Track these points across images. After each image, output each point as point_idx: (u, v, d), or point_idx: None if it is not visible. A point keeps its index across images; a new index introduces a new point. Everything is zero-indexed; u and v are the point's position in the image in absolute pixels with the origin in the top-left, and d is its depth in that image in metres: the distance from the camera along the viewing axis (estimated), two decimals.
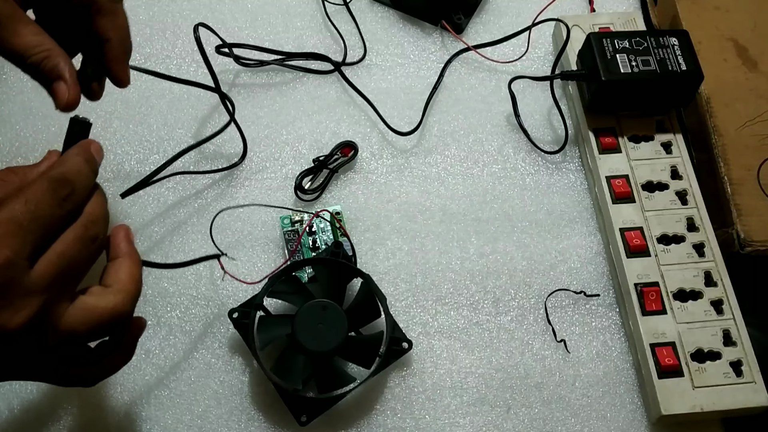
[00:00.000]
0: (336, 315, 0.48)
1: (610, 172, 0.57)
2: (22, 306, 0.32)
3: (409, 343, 0.50)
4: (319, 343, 0.47)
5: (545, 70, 0.65)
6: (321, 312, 0.48)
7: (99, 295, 0.36)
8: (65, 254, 0.34)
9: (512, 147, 0.61)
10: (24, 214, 0.33)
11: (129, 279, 0.37)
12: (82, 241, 0.35)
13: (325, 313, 0.48)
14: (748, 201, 0.55)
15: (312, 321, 0.48)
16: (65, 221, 0.35)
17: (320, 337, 0.47)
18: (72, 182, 0.35)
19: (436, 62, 0.65)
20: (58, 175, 0.35)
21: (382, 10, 0.68)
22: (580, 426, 0.51)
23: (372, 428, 0.50)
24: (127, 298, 0.37)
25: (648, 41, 0.58)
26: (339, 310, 0.48)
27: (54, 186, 0.34)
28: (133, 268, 0.38)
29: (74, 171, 0.36)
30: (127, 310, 0.37)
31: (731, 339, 0.51)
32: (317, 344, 0.47)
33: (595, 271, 0.56)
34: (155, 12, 0.66)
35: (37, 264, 0.33)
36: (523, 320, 0.54)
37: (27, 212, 0.33)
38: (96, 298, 0.36)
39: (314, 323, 0.48)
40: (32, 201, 0.33)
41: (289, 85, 0.63)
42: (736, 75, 0.61)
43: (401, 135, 0.60)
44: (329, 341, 0.47)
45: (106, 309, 0.36)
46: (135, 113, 0.61)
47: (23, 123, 0.60)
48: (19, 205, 0.33)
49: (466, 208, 0.59)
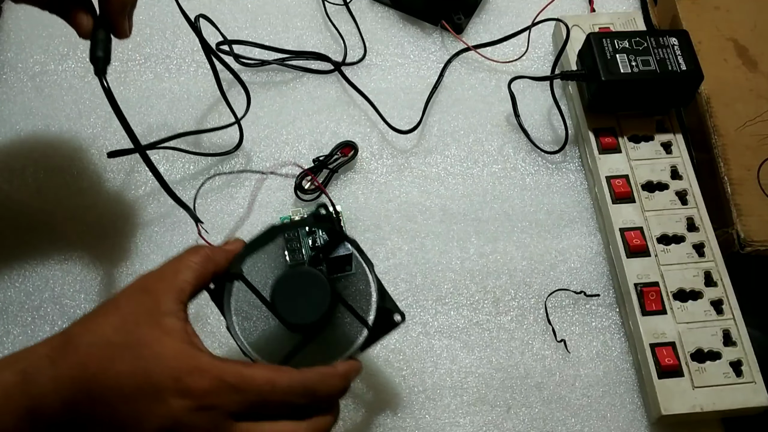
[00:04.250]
0: (319, 284, 0.43)
1: (610, 172, 0.57)
2: None
3: (402, 315, 0.45)
4: (300, 315, 0.42)
5: (545, 70, 0.65)
6: (302, 280, 0.43)
7: None
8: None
9: (512, 147, 0.61)
10: (264, 385, 0.36)
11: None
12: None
13: (307, 281, 0.43)
14: (748, 201, 0.55)
15: (293, 290, 0.43)
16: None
17: (302, 308, 0.42)
18: (316, 400, 0.38)
19: (436, 62, 0.65)
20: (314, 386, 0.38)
21: (382, 10, 0.68)
22: (580, 426, 0.51)
23: (372, 428, 0.50)
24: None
25: (648, 41, 0.58)
26: (322, 278, 0.43)
27: (303, 391, 0.37)
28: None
29: (326, 394, 0.39)
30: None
31: (731, 339, 0.51)
32: (298, 315, 0.42)
33: (595, 271, 0.56)
34: (155, 12, 0.66)
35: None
36: (523, 320, 0.54)
37: (267, 386, 0.36)
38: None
39: (295, 292, 0.43)
40: (278, 384, 0.36)
41: (289, 85, 0.63)
42: (736, 75, 0.61)
43: (401, 133, 0.60)
44: (311, 312, 0.42)
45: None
46: (135, 113, 0.61)
47: (23, 123, 0.60)
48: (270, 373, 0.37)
49: (466, 208, 0.59)
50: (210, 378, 0.35)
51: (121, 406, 0.35)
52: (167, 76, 0.63)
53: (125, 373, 0.35)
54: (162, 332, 0.36)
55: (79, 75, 0.63)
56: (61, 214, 0.56)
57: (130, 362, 0.35)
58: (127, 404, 0.34)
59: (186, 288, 0.39)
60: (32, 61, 0.63)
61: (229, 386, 0.35)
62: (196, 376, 0.35)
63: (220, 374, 0.35)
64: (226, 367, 0.36)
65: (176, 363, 0.35)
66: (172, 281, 0.39)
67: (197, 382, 0.35)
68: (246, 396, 0.35)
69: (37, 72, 0.63)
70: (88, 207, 0.57)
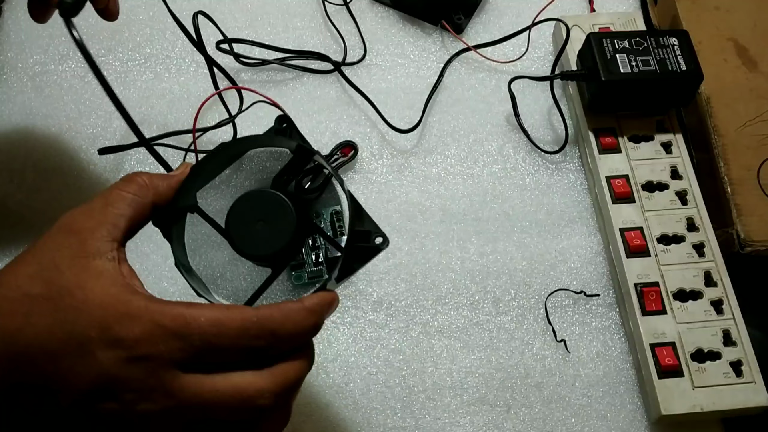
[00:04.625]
0: (282, 207, 0.36)
1: (610, 172, 0.57)
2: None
3: (384, 237, 0.39)
4: (261, 244, 0.35)
5: (545, 70, 0.65)
6: (263, 204, 0.36)
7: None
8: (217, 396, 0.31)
9: (512, 147, 0.61)
10: (210, 327, 0.31)
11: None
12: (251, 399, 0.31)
13: (268, 205, 0.36)
14: (748, 201, 0.55)
15: (252, 216, 0.36)
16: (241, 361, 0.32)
17: (262, 237, 0.36)
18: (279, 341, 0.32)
19: (436, 62, 0.65)
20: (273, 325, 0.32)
21: (382, 10, 0.68)
22: (580, 426, 0.51)
23: (372, 428, 0.50)
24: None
25: (648, 41, 0.58)
26: (284, 200, 0.36)
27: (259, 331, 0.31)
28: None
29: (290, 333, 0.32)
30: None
31: (731, 339, 0.51)
32: (259, 245, 0.35)
33: (595, 271, 0.56)
34: (155, 12, 0.66)
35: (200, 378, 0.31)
36: (523, 320, 0.54)
37: (214, 328, 0.31)
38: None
39: (255, 219, 0.36)
40: (227, 325, 0.31)
41: (289, 85, 0.63)
42: (736, 75, 0.61)
43: (401, 132, 0.60)
44: (274, 240, 0.35)
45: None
46: (135, 113, 0.60)
47: (23, 123, 0.60)
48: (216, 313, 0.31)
49: (466, 208, 0.59)
50: (143, 323, 0.30)
51: (45, 366, 0.30)
52: (167, 76, 0.63)
53: (45, 328, 0.30)
54: (88, 276, 0.31)
55: (79, 75, 0.63)
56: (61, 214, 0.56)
57: (49, 315, 0.31)
58: (53, 362, 0.30)
59: (119, 223, 0.34)
60: (32, 61, 0.63)
61: (167, 331, 0.30)
62: (126, 323, 0.30)
63: (155, 318, 0.30)
64: (162, 309, 0.31)
65: (102, 311, 0.30)
66: (102, 216, 0.33)
67: (127, 330, 0.30)
68: (188, 341, 0.30)
69: (37, 72, 0.63)
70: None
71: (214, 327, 0.31)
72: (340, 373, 0.52)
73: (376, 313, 0.54)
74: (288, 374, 0.32)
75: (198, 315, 0.31)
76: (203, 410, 0.31)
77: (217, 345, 0.31)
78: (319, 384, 0.52)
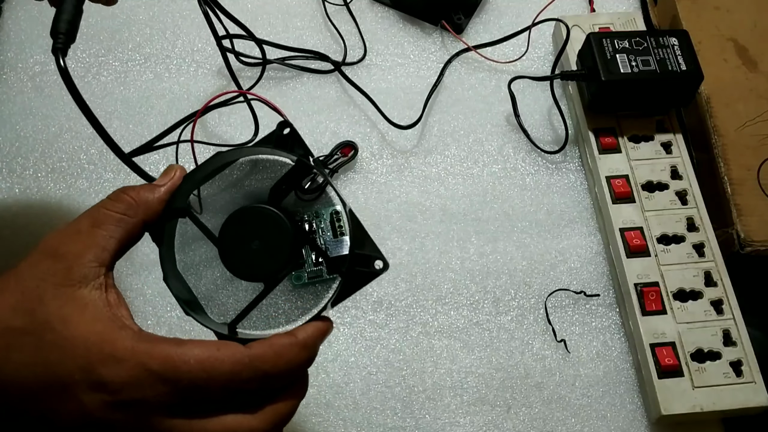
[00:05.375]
0: (278, 225, 0.34)
1: (610, 172, 0.57)
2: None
3: (385, 262, 0.37)
4: (254, 265, 0.34)
5: (545, 70, 0.65)
6: (258, 221, 0.34)
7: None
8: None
9: (512, 147, 0.61)
10: (199, 371, 0.29)
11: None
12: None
13: (264, 222, 0.34)
14: (748, 201, 0.55)
15: (246, 234, 0.34)
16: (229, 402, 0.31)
17: (256, 257, 0.34)
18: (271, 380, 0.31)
19: (436, 62, 0.65)
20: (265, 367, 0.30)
21: (382, 10, 0.68)
22: (580, 426, 0.51)
23: (372, 428, 0.50)
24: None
25: (648, 41, 0.58)
26: (281, 218, 0.34)
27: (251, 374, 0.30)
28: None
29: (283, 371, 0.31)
30: None
31: (731, 339, 0.51)
32: (252, 266, 0.34)
33: (595, 271, 0.56)
34: (155, 12, 0.66)
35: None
36: (523, 320, 0.54)
37: (203, 373, 0.29)
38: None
39: (249, 237, 0.34)
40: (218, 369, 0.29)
41: (289, 85, 0.63)
42: (736, 75, 0.61)
43: (400, 129, 0.60)
44: (268, 262, 0.34)
45: None
46: (135, 113, 0.61)
47: (23, 123, 0.60)
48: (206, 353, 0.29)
49: (466, 208, 0.59)
50: (129, 367, 0.28)
51: (27, 404, 0.29)
52: (167, 76, 0.63)
53: (26, 365, 0.29)
54: (73, 309, 0.29)
55: (79, 75, 0.62)
56: (61, 214, 0.56)
57: (30, 352, 0.29)
58: (34, 402, 0.29)
59: (108, 245, 0.31)
60: (32, 61, 0.63)
61: (154, 376, 0.29)
62: (111, 366, 0.28)
63: (142, 361, 0.29)
64: (150, 351, 0.29)
65: (86, 350, 0.29)
66: (89, 239, 0.31)
67: (112, 373, 0.28)
68: (176, 386, 0.29)
69: (37, 72, 0.63)
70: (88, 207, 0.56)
71: (203, 371, 0.29)
72: (340, 373, 0.52)
73: (376, 313, 0.54)
74: (281, 412, 0.32)
75: (187, 357, 0.29)
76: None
77: (206, 389, 0.29)
78: (319, 384, 0.52)
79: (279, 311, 0.35)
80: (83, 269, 0.30)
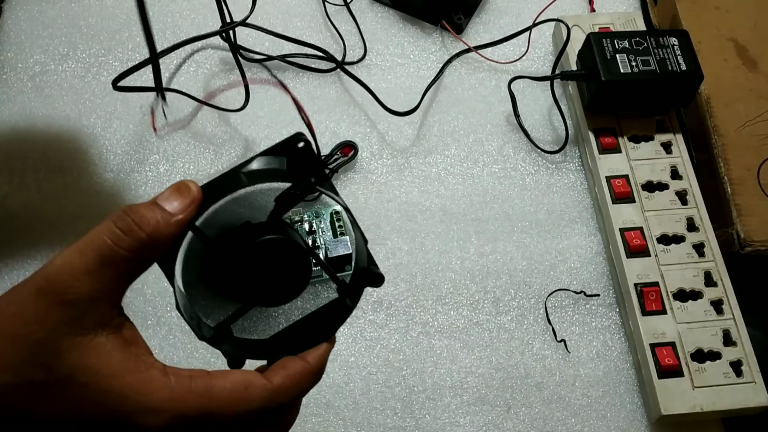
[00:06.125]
0: (295, 254, 0.33)
1: (610, 172, 0.57)
2: None
3: (381, 276, 0.37)
4: (272, 295, 0.33)
5: (545, 70, 0.65)
6: (275, 250, 0.33)
7: None
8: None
9: (512, 147, 0.61)
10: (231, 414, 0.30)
11: None
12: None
13: (279, 251, 0.33)
14: (748, 201, 0.55)
15: (260, 263, 0.32)
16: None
17: (273, 285, 0.33)
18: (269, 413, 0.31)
19: (436, 62, 0.65)
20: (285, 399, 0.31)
21: (382, 10, 0.68)
22: (580, 426, 0.51)
23: (372, 428, 0.50)
24: None
25: (648, 41, 0.58)
26: (300, 247, 0.33)
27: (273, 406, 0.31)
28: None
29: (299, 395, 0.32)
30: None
31: (731, 339, 0.51)
32: (270, 296, 0.33)
33: (595, 271, 0.56)
34: (155, 12, 0.66)
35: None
36: (523, 320, 0.54)
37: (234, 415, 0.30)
38: None
39: (263, 264, 0.32)
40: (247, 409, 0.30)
41: (289, 85, 0.63)
42: (736, 75, 0.61)
43: (398, 115, 0.60)
44: (286, 292, 0.33)
45: None
46: (135, 113, 0.61)
47: (23, 123, 0.60)
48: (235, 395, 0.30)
49: (466, 208, 0.59)
50: (167, 418, 0.28)
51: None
52: (167, 76, 0.63)
53: (59, 411, 0.28)
54: (96, 359, 0.28)
55: (79, 75, 0.63)
56: (61, 214, 0.56)
57: (62, 404, 0.27)
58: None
59: (120, 287, 0.29)
60: (32, 61, 0.63)
61: (188, 420, 0.29)
62: (149, 416, 0.28)
63: (179, 411, 0.29)
64: (185, 398, 0.29)
65: (121, 403, 0.28)
66: (100, 282, 0.28)
67: (151, 424, 0.28)
68: (207, 426, 0.29)
69: (37, 72, 0.63)
70: (88, 207, 0.57)
71: (236, 415, 0.30)
72: (340, 373, 0.52)
73: (376, 313, 0.54)
74: (290, 422, 0.34)
75: (220, 399, 0.29)
76: None
77: (233, 424, 0.30)
78: (319, 384, 0.51)
79: (279, 311, 0.35)
80: (97, 316, 0.28)
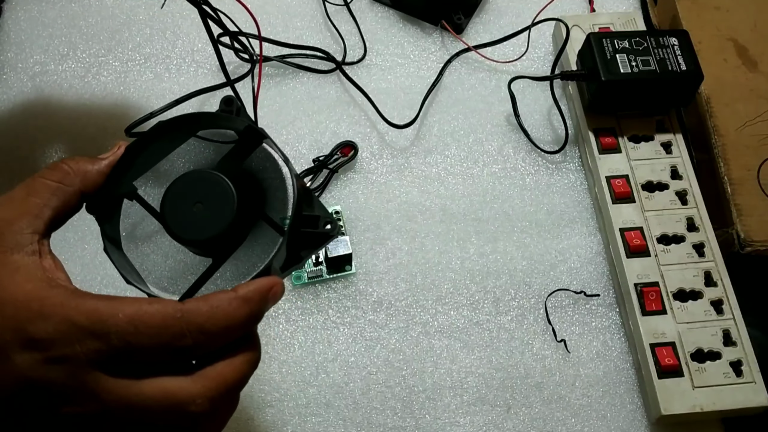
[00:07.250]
0: (221, 189, 0.33)
1: (610, 172, 0.57)
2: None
3: (334, 223, 0.36)
4: (196, 228, 0.33)
5: (545, 70, 0.65)
6: (200, 186, 0.33)
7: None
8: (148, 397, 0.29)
9: (512, 147, 0.61)
10: (127, 325, 0.28)
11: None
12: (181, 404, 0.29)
13: (205, 187, 0.33)
14: (748, 201, 0.55)
15: (189, 200, 0.33)
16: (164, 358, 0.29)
17: (199, 220, 0.33)
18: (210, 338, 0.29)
19: (436, 62, 0.65)
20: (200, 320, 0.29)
21: (382, 10, 0.68)
22: (580, 426, 0.51)
23: (372, 428, 0.50)
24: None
25: (648, 41, 0.58)
26: (224, 182, 0.33)
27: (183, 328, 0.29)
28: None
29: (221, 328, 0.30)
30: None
31: (731, 339, 0.51)
32: (194, 229, 0.33)
33: (595, 271, 0.56)
34: (155, 12, 0.66)
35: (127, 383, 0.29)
36: (523, 320, 0.54)
37: (131, 326, 0.28)
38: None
39: (192, 202, 0.33)
40: (146, 322, 0.28)
41: (289, 85, 0.63)
42: (736, 75, 0.61)
43: (397, 128, 0.60)
44: (211, 225, 0.33)
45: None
46: (135, 113, 0.61)
47: (23, 123, 0.60)
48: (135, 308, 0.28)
49: (466, 208, 0.59)
50: (56, 322, 0.28)
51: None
52: (167, 76, 0.63)
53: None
54: (5, 273, 0.29)
55: (79, 75, 0.63)
56: None
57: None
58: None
59: (42, 214, 0.31)
60: (32, 61, 0.63)
61: (82, 330, 0.28)
62: (39, 323, 0.28)
63: (69, 315, 0.28)
64: (78, 306, 0.28)
65: (16, 310, 0.28)
66: (22, 207, 0.31)
67: (41, 330, 0.28)
68: (106, 341, 0.28)
69: (37, 72, 0.63)
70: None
71: (132, 325, 0.28)
72: (340, 373, 0.52)
73: (376, 313, 0.54)
74: (225, 375, 0.30)
75: (116, 311, 0.28)
76: (132, 416, 0.29)
77: (137, 344, 0.28)
78: (319, 384, 0.52)
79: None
80: (16, 236, 0.30)
